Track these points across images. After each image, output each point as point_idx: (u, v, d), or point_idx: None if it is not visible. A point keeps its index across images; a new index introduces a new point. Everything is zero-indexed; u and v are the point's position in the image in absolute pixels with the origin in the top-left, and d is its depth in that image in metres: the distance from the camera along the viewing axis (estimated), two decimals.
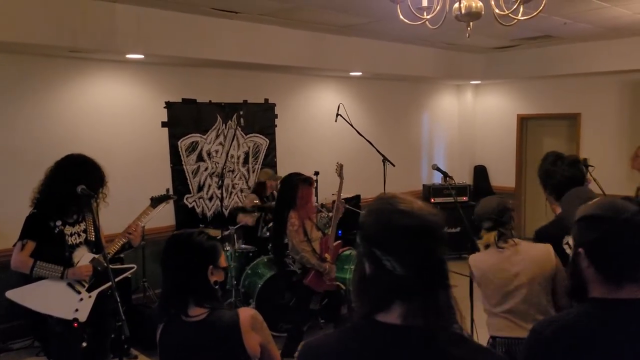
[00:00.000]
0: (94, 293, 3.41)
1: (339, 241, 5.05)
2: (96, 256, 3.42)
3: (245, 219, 5.88)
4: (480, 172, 9.83)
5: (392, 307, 1.28)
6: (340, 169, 4.91)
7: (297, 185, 4.60)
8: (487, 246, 2.99)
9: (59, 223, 3.32)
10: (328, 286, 4.72)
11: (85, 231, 3.45)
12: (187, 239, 2.17)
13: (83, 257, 3.39)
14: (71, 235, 3.38)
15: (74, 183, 3.27)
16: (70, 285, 3.35)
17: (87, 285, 3.40)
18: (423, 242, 1.27)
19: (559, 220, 2.99)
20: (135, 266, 3.85)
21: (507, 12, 3.17)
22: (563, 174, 3.02)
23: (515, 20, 3.25)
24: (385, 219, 1.29)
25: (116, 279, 3.27)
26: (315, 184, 4.75)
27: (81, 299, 3.37)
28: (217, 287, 2.17)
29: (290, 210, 4.58)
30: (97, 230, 3.45)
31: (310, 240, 4.63)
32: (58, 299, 3.31)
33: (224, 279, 2.26)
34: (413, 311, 1.26)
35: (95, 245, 3.47)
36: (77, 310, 3.34)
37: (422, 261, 1.26)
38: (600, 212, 1.63)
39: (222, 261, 2.21)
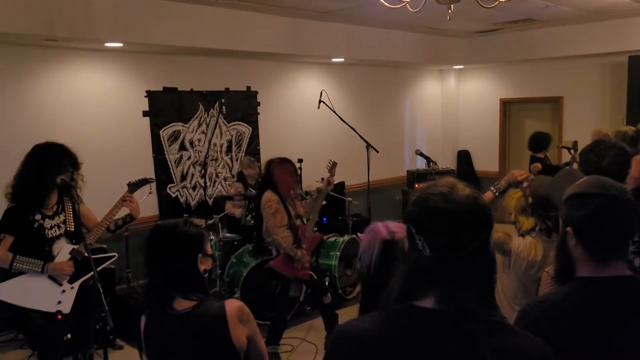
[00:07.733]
0: (77, 284, 3.37)
1: (318, 233, 4.88)
2: (75, 247, 3.37)
3: (233, 210, 5.83)
4: (464, 157, 9.87)
5: (428, 291, 1.27)
6: (332, 167, 4.74)
7: (270, 165, 4.51)
8: (523, 233, 2.78)
9: (38, 217, 3.26)
10: (301, 274, 4.57)
11: (64, 222, 3.39)
12: (174, 229, 2.10)
13: (62, 249, 3.34)
14: (51, 228, 3.32)
15: (47, 171, 3.23)
16: (51, 277, 3.30)
17: (68, 277, 3.36)
18: (452, 226, 1.24)
19: None
20: (116, 254, 3.79)
21: None
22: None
23: (497, 2, 3.24)
24: (423, 198, 1.30)
25: (98, 268, 3.23)
26: (292, 163, 4.55)
27: (63, 291, 3.32)
28: (205, 275, 2.12)
29: (265, 191, 4.48)
30: (77, 219, 3.38)
31: (292, 227, 4.51)
32: (40, 293, 3.26)
33: (211, 266, 2.22)
34: (446, 296, 1.25)
35: (75, 236, 3.41)
36: (59, 302, 3.29)
37: (447, 245, 1.24)
38: (590, 189, 1.64)
39: (208, 248, 2.16)
